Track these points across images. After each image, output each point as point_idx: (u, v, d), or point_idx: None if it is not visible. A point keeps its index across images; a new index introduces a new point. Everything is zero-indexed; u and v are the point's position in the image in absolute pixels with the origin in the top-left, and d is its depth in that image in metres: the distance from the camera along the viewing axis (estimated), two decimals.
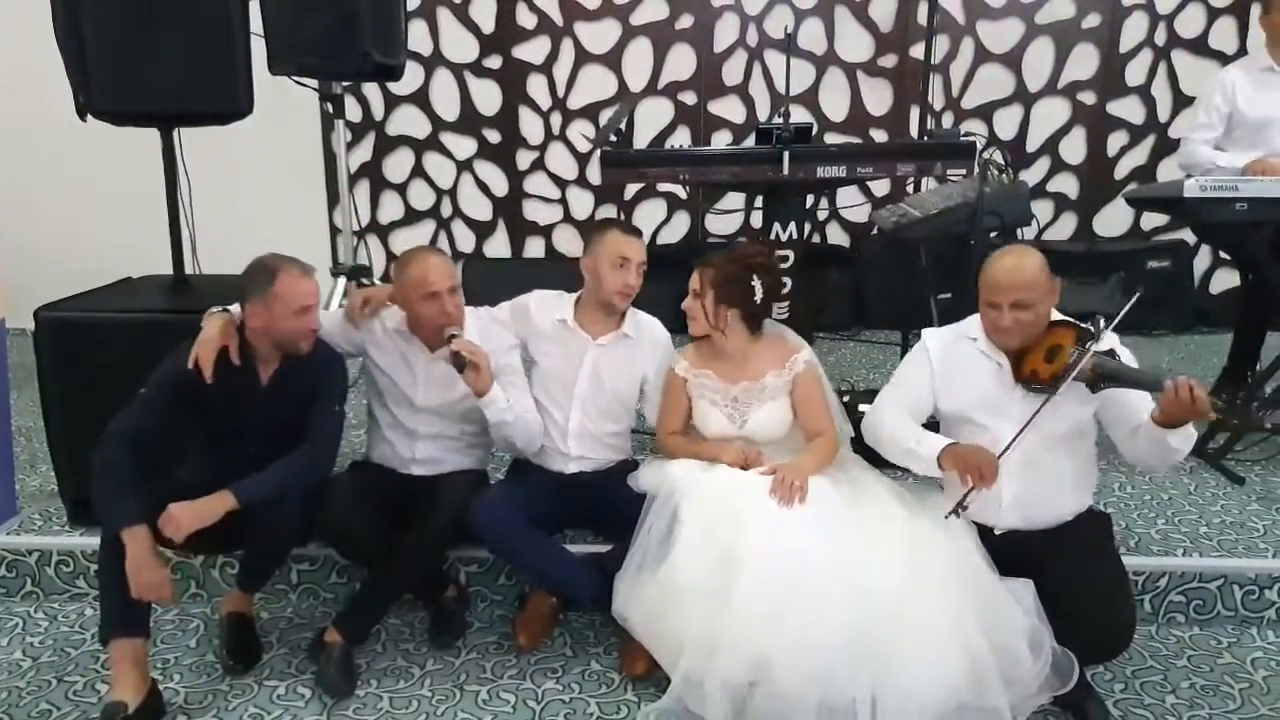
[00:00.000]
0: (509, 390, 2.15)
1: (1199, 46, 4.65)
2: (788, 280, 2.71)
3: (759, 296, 2.11)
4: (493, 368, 2.12)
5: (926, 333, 2.13)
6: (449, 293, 2.09)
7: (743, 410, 2.15)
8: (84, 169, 4.27)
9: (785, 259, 2.72)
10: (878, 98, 4.76)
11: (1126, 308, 1.85)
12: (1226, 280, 4.73)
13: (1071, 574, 1.87)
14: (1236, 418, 1.65)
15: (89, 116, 2.42)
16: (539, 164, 4.86)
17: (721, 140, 4.78)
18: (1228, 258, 4.47)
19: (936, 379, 2.04)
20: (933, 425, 2.09)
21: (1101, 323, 1.85)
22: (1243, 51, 4.51)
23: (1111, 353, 1.86)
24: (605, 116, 4.71)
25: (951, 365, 2.03)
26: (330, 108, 3.44)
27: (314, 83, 3.27)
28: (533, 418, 2.19)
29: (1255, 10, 4.33)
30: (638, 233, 2.27)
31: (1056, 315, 1.97)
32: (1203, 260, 4.78)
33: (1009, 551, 1.92)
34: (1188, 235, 4.50)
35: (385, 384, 2.23)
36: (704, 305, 2.11)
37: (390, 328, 2.21)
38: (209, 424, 2.02)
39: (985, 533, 1.95)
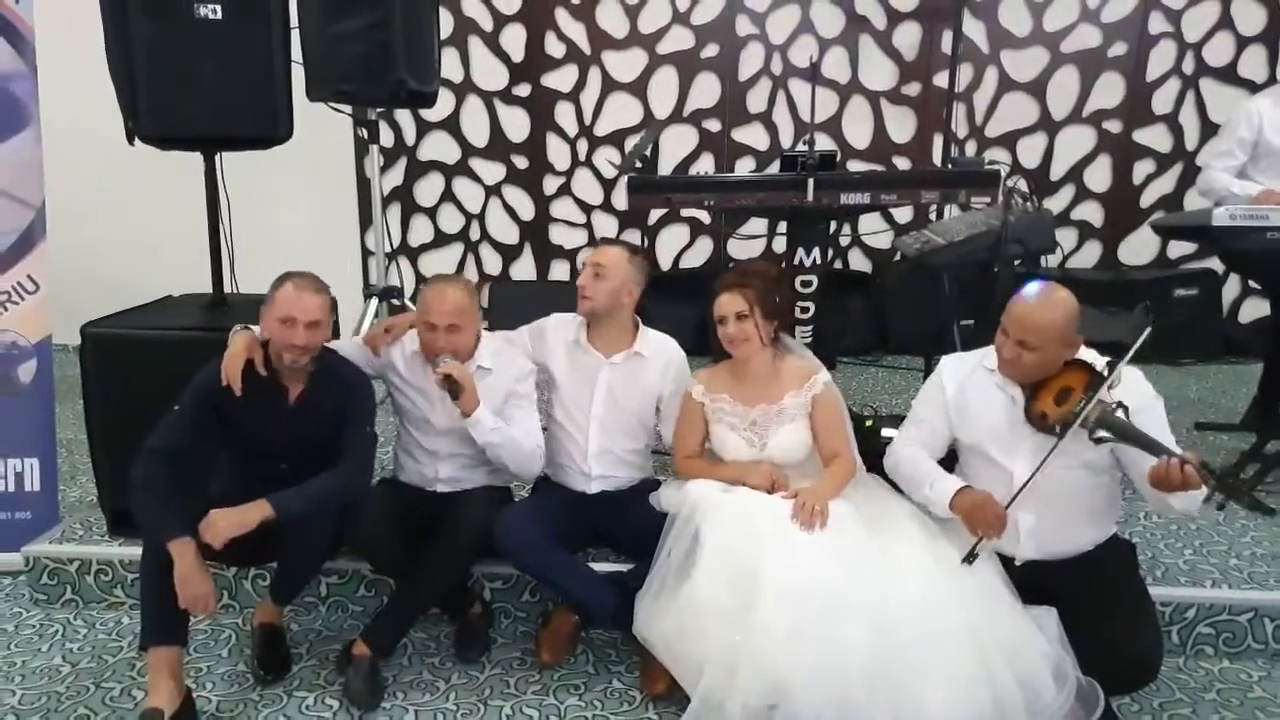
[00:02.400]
0: (515, 414, 2.20)
1: (1228, 75, 4.64)
2: (810, 305, 2.75)
3: (784, 310, 2.14)
4: (502, 393, 2.18)
5: (944, 361, 2.11)
6: (447, 330, 2.12)
7: (762, 433, 2.15)
8: (130, 192, 4.41)
9: (809, 284, 2.75)
10: (901, 126, 4.80)
11: (1131, 351, 1.80)
12: (1256, 309, 4.68)
13: (1096, 603, 1.86)
14: (1227, 492, 1.64)
15: (137, 141, 2.52)
16: (565, 189, 4.94)
17: (744, 167, 4.84)
18: (1257, 287, 4.43)
19: (951, 409, 2.03)
20: (950, 454, 2.09)
21: (1116, 369, 1.81)
22: (1272, 80, 4.50)
23: (1120, 405, 1.81)
24: (631, 143, 4.79)
25: (967, 395, 2.02)
26: (364, 133, 3.54)
27: (349, 109, 3.37)
28: (529, 443, 2.20)
29: None
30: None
31: (1085, 352, 1.93)
32: (1231, 289, 4.73)
33: (1032, 580, 1.92)
34: (1215, 264, 4.46)
35: (406, 406, 2.28)
36: (756, 323, 2.11)
37: (410, 351, 2.26)
38: (240, 441, 2.08)
39: (1007, 562, 1.95)
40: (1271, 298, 3.39)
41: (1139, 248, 4.82)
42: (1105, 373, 1.84)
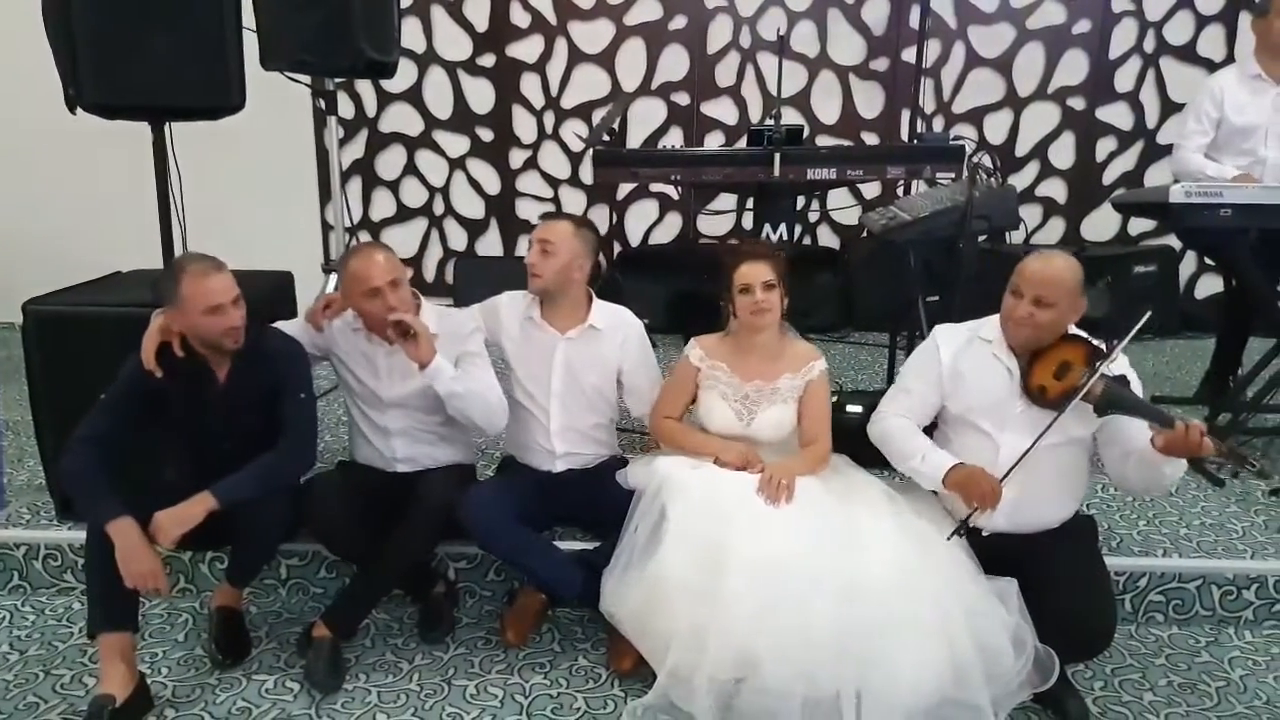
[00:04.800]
0: (471, 371, 2.14)
1: (1187, 53, 4.70)
2: None
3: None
4: (453, 355, 2.12)
5: (937, 330, 2.11)
6: (390, 287, 2.05)
7: (751, 408, 2.15)
8: (75, 162, 4.25)
9: None
10: (869, 101, 4.79)
11: (1136, 328, 1.85)
12: (1211, 286, 4.78)
13: (1055, 574, 1.89)
14: (1234, 460, 1.74)
15: (79, 110, 2.42)
16: (531, 163, 4.87)
17: (714, 141, 4.81)
18: (1212, 263, 4.52)
19: (945, 380, 2.03)
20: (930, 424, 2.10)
21: (1115, 343, 1.85)
22: (1230, 59, 4.57)
23: (1123, 378, 1.86)
24: (598, 116, 4.72)
25: (963, 365, 2.02)
26: (323, 104, 3.44)
27: (307, 79, 3.26)
28: (494, 395, 2.15)
29: (1244, 18, 4.38)
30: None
31: (1073, 330, 1.96)
32: (1188, 265, 4.83)
33: (994, 551, 1.94)
34: (1174, 241, 4.54)
35: (352, 383, 2.23)
36: (781, 294, 2.12)
37: (351, 326, 2.20)
38: (178, 426, 2.01)
39: (972, 533, 1.96)
40: (1224, 274, 3.46)
41: (1101, 224, 4.90)
42: (1104, 348, 1.87)
